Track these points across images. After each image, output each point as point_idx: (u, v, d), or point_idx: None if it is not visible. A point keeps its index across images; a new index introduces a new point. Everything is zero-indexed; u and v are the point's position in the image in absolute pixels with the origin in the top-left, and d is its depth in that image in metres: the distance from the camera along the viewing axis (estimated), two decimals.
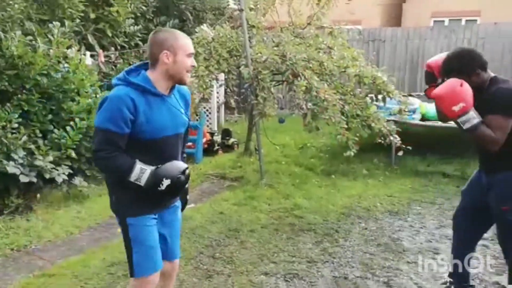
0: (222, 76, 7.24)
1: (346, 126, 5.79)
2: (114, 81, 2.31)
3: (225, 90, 8.06)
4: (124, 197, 2.34)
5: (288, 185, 5.92)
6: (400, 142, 5.39)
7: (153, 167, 2.23)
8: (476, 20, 14.19)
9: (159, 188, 2.23)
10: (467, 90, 2.65)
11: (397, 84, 6.79)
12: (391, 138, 5.44)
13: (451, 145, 7.05)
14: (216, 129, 8.51)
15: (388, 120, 5.67)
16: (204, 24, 5.71)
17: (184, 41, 2.28)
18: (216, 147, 7.53)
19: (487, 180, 2.94)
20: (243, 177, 6.22)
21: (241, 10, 5.50)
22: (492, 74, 2.81)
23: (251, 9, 5.92)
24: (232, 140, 7.87)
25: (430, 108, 7.39)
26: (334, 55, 5.98)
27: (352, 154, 5.29)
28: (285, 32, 6.14)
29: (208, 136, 7.59)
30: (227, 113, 9.75)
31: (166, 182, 2.23)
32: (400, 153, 5.81)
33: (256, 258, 3.96)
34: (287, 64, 5.60)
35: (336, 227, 4.62)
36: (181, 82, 2.34)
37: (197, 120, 7.10)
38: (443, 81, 2.88)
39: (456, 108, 2.63)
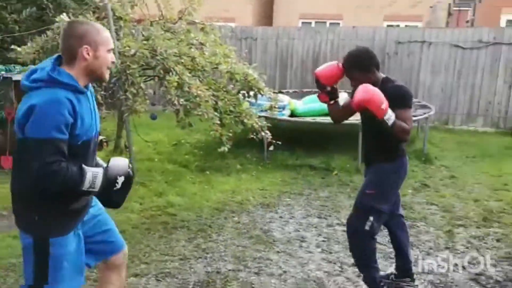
0: None
1: (219, 122, 5.82)
2: (31, 83, 1.99)
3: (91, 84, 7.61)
4: (51, 214, 2.04)
5: (161, 183, 5.80)
6: (271, 137, 5.57)
7: (102, 169, 2.09)
8: (339, 23, 15.32)
9: (114, 188, 2.09)
10: (378, 90, 2.90)
11: (268, 81, 7.02)
12: (263, 133, 5.58)
13: (316, 139, 7.50)
14: None
15: (259, 116, 5.82)
16: (64, 14, 5.29)
17: (106, 35, 2.10)
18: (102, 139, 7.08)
19: (365, 172, 3.34)
20: None
21: (105, 1, 5.22)
22: (383, 75, 3.15)
23: (117, 0, 5.64)
24: (100, 137, 7.44)
25: (298, 105, 7.80)
26: (206, 51, 5.96)
27: (226, 149, 5.33)
28: (155, 26, 5.96)
29: None
30: None
31: (120, 179, 2.10)
32: (271, 148, 6.03)
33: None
34: (158, 59, 5.45)
35: (209, 223, 4.64)
36: (101, 78, 2.16)
37: None
38: (332, 88, 3.19)
39: (383, 106, 2.86)
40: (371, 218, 3.16)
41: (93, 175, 2.01)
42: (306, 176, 6.34)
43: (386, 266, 3.82)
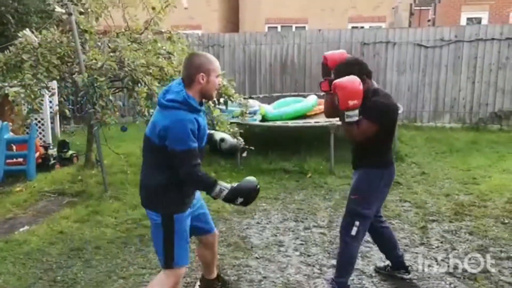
0: (55, 84, 6.69)
1: None
2: (168, 102, 2.61)
3: (59, 99, 7.47)
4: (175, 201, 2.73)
5: (135, 195, 5.65)
6: (244, 143, 5.58)
7: (229, 186, 2.67)
8: (304, 27, 15.48)
9: (235, 203, 2.70)
10: (362, 91, 3.01)
11: (237, 87, 7.03)
12: (235, 139, 5.59)
13: (288, 143, 7.54)
14: (51, 141, 7.82)
15: (231, 123, 5.83)
16: (27, 29, 5.18)
17: (216, 65, 2.71)
18: (52, 161, 6.91)
19: (353, 176, 3.44)
20: (85, 192, 5.81)
21: (69, 14, 5.13)
22: (376, 85, 3.28)
23: (81, 13, 5.55)
24: (70, 152, 7.31)
25: (269, 110, 7.83)
26: (174, 60, 5.94)
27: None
28: (122, 37, 5.91)
29: (42, 150, 6.93)
30: (63, 123, 9.05)
31: (239, 200, 2.68)
32: (245, 154, 6.02)
33: (103, 276, 3.74)
34: (126, 71, 5.40)
35: None
36: (210, 98, 2.81)
37: (27, 133, 6.44)
38: (336, 75, 3.19)
39: (351, 103, 2.97)
40: (357, 223, 3.23)
41: (221, 189, 2.64)
42: (281, 180, 6.37)
43: (364, 266, 3.87)
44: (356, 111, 3.01)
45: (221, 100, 6.06)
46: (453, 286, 3.54)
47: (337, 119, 3.36)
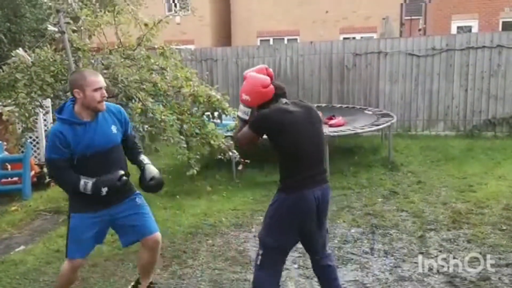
0: (49, 102, 6.67)
1: (186, 145, 5.79)
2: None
3: (53, 117, 7.45)
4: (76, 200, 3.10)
5: None
6: (238, 156, 5.57)
7: (93, 179, 2.93)
8: (296, 39, 15.60)
9: (101, 194, 2.94)
10: (261, 93, 2.98)
11: (231, 100, 7.02)
12: (230, 153, 5.59)
13: None
14: None
15: (226, 136, 5.82)
16: (20, 48, 5.17)
17: (90, 79, 2.95)
18: (48, 180, 6.85)
19: None
20: None
21: (62, 33, 5.13)
22: (286, 106, 3.01)
23: (74, 31, 5.55)
24: None
25: None
26: (168, 76, 5.94)
27: (195, 172, 5.30)
28: (115, 54, 5.89)
29: (37, 168, 6.90)
30: None
31: (104, 189, 2.94)
32: (240, 167, 6.01)
33: None
34: (119, 87, 5.39)
35: (183, 248, 4.57)
36: (96, 110, 2.99)
37: (21, 152, 6.41)
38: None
39: (244, 97, 3.01)
40: (260, 252, 2.98)
41: (85, 183, 2.93)
42: (273, 193, 6.33)
43: (363, 277, 3.85)
44: (246, 109, 3.02)
45: (215, 114, 6.07)
46: None
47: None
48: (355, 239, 4.68)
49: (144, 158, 3.37)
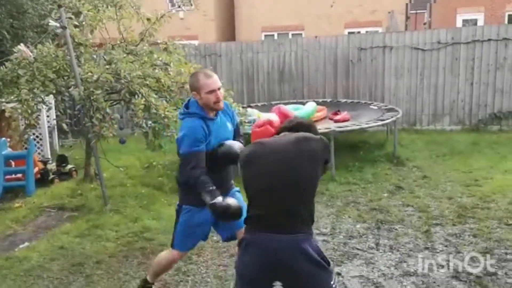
0: (52, 99, 6.67)
1: None
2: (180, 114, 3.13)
3: (56, 113, 7.45)
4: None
5: (136, 208, 5.66)
6: None
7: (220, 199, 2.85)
8: (301, 34, 15.52)
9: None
10: (254, 133, 3.11)
11: (236, 96, 7.00)
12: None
13: None
14: (49, 156, 7.78)
15: None
16: (22, 44, 5.16)
17: (203, 82, 2.97)
18: (51, 176, 6.87)
19: None
20: (85, 206, 5.76)
21: (64, 28, 5.12)
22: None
23: (76, 26, 5.53)
24: (69, 166, 7.27)
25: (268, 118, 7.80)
26: (171, 71, 5.92)
27: None
28: (117, 49, 5.89)
29: (40, 165, 6.90)
30: (61, 137, 9.03)
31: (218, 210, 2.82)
32: None
33: None
34: (122, 83, 5.38)
35: None
36: (213, 109, 3.03)
37: (25, 148, 6.41)
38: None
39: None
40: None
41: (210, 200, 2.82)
42: None
43: (369, 272, 3.82)
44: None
45: None
46: None
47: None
48: (360, 234, 4.65)
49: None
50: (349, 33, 14.15)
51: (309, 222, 2.40)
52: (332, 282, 2.36)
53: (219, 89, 3.01)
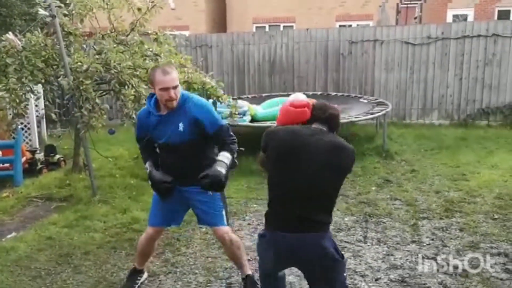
0: (40, 88, 6.60)
1: None
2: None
3: (44, 102, 7.38)
4: None
5: (125, 199, 5.65)
6: None
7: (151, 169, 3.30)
8: (292, 26, 15.48)
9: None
10: (288, 111, 2.66)
11: (226, 88, 7.00)
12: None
13: None
14: (37, 146, 7.71)
15: None
16: (10, 32, 5.08)
17: (159, 78, 2.98)
18: (40, 166, 6.82)
19: None
20: (73, 196, 5.73)
21: (53, 17, 5.05)
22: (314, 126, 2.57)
23: (65, 15, 5.46)
24: (57, 156, 7.22)
25: (258, 110, 7.81)
26: (161, 62, 5.88)
27: None
28: (107, 39, 5.82)
29: (28, 155, 6.83)
30: (49, 127, 8.94)
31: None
32: (235, 155, 5.97)
33: (92, 282, 3.69)
34: (112, 73, 5.33)
35: (177, 236, 4.55)
36: (167, 107, 3.08)
37: (13, 138, 6.35)
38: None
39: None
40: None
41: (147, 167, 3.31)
42: None
43: (356, 265, 3.86)
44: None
45: (210, 101, 6.02)
46: (444, 283, 3.53)
47: None
48: (348, 227, 4.68)
49: (222, 154, 3.13)
50: (340, 26, 14.16)
51: (329, 222, 2.49)
52: (344, 274, 2.54)
53: (174, 87, 2.99)
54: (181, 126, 3.11)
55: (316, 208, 2.42)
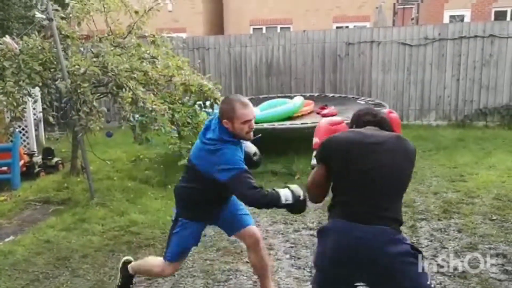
0: (38, 91, 6.59)
1: (177, 135, 5.75)
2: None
3: (42, 106, 7.37)
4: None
5: (123, 201, 5.63)
6: None
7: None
8: (289, 28, 15.50)
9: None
10: (329, 130, 2.64)
11: (223, 90, 7.00)
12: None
13: (276, 145, 7.52)
14: (35, 149, 7.70)
15: None
16: (7, 36, 5.08)
17: (241, 112, 2.80)
18: (37, 169, 6.81)
19: None
20: (71, 199, 5.72)
21: (50, 20, 5.05)
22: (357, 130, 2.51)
23: (62, 18, 5.46)
24: (55, 159, 7.20)
25: (256, 112, 7.80)
26: (159, 65, 5.90)
27: (186, 162, 5.26)
28: (105, 42, 5.83)
29: (26, 158, 6.82)
30: (47, 130, 8.93)
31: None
32: None
33: (91, 285, 3.68)
34: (109, 76, 5.33)
35: None
36: (243, 139, 2.95)
37: (10, 141, 6.34)
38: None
39: (314, 140, 2.78)
40: None
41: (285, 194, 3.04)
42: (269, 182, 6.32)
43: None
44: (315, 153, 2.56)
45: (207, 103, 6.03)
46: (443, 285, 3.53)
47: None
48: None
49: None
50: (337, 27, 14.17)
51: (401, 219, 2.36)
52: (428, 282, 2.23)
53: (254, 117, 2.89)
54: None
55: (396, 201, 2.37)
